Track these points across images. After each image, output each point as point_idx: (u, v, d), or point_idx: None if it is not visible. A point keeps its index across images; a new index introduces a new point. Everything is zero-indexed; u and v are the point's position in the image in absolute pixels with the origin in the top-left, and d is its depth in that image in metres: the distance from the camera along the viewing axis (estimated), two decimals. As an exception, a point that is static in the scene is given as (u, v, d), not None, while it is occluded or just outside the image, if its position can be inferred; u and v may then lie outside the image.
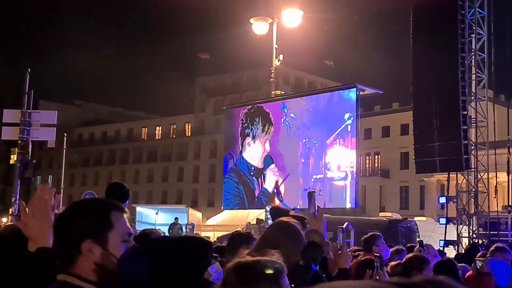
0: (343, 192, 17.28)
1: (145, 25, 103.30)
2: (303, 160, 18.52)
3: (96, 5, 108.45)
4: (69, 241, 1.82)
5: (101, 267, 1.80)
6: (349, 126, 17.18)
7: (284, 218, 3.35)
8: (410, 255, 5.23)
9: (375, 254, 5.46)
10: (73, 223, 1.83)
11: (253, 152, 20.39)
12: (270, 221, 8.45)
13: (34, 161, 14.03)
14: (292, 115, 19.05)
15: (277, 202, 18.25)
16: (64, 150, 23.33)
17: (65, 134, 23.20)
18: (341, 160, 17.29)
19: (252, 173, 20.63)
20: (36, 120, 13.88)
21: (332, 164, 17.38)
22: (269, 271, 1.92)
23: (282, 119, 19.35)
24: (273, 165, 19.54)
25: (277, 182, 15.48)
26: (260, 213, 18.55)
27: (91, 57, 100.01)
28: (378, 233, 6.36)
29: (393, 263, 5.63)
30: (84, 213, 1.86)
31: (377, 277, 4.01)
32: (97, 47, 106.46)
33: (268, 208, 13.63)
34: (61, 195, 22.15)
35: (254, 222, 17.45)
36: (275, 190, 15.27)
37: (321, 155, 17.75)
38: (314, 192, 2.93)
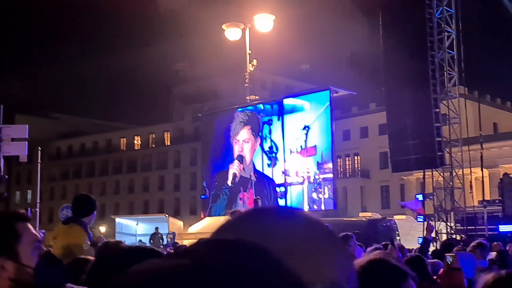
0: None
1: (120, 35, 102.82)
2: (265, 168, 18.91)
3: (71, 17, 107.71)
4: None
5: (16, 281, 1.75)
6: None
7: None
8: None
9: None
10: None
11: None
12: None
13: (7, 177, 13.76)
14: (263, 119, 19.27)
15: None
16: (39, 164, 22.97)
17: (40, 148, 22.84)
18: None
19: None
20: (7, 134, 13.63)
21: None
22: None
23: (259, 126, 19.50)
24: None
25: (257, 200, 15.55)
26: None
27: (67, 69, 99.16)
28: (350, 234, 6.44)
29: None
30: None
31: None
32: (73, 58, 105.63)
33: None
34: (38, 210, 21.94)
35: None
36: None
37: (281, 163, 18.45)
38: (259, 198, 2.96)
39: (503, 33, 64.46)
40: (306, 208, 17.81)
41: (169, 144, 67.10)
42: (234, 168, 19.98)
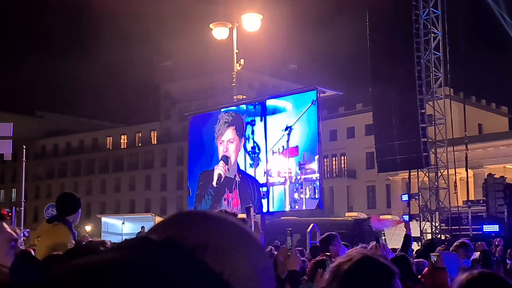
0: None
1: (107, 33, 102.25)
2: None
3: (57, 14, 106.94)
4: None
5: None
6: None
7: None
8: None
9: (327, 254, 5.54)
10: None
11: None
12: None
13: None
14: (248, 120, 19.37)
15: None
16: (24, 162, 22.81)
17: (24, 146, 22.67)
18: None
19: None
20: (-9, 132, 13.49)
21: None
22: None
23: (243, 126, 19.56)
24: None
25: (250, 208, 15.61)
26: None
27: (52, 67, 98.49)
28: (334, 233, 6.45)
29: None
30: None
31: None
32: (58, 56, 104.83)
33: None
34: (22, 209, 21.76)
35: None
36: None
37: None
38: (251, 206, 2.97)
39: (488, 35, 65.08)
40: (287, 207, 17.93)
41: (155, 143, 66.89)
42: (219, 169, 19.98)
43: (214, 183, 19.99)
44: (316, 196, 17.32)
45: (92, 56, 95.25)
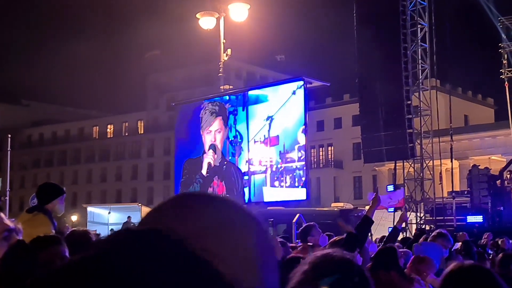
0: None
1: (92, 21, 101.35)
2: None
3: (43, 2, 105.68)
4: None
5: None
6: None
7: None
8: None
9: (309, 244, 5.57)
10: None
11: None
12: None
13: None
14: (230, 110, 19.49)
15: None
16: (9, 152, 22.62)
17: (10, 136, 22.49)
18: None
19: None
20: (-25, 121, 13.36)
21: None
22: None
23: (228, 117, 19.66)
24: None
25: None
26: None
27: (38, 55, 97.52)
28: (312, 223, 6.49)
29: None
30: None
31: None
32: (43, 44, 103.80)
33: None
34: (7, 198, 21.61)
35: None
36: None
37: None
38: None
39: (475, 27, 65.36)
40: (268, 195, 18.06)
41: (142, 132, 66.61)
42: (209, 158, 20.05)
43: (204, 171, 20.07)
44: (296, 185, 17.42)
45: (79, 45, 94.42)
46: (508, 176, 18.41)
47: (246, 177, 18.71)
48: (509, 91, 27.80)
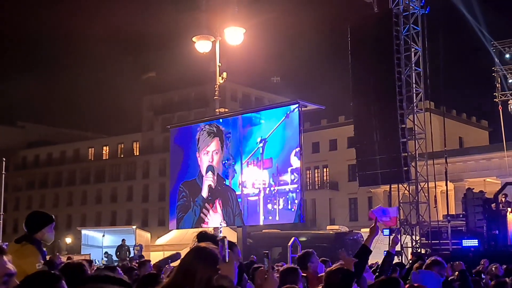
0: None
1: (89, 44, 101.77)
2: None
3: (39, 24, 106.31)
4: None
5: None
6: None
7: (202, 244, 3.34)
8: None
9: (303, 274, 5.53)
10: None
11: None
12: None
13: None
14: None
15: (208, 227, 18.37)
16: (4, 174, 22.56)
17: (4, 158, 22.45)
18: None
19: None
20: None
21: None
22: None
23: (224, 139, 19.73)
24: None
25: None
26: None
27: (34, 77, 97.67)
28: (310, 250, 6.45)
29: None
30: None
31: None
32: (41, 67, 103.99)
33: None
34: (1, 221, 21.48)
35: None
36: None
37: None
38: (226, 237, 2.93)
39: (468, 50, 65.98)
40: (261, 218, 18.00)
41: (138, 154, 66.50)
42: (209, 180, 20.04)
43: (204, 194, 20.00)
44: (289, 207, 17.39)
45: (75, 66, 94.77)
46: (503, 199, 18.40)
47: (239, 200, 18.68)
48: (503, 114, 27.98)
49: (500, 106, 28.06)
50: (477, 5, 27.93)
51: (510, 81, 27.91)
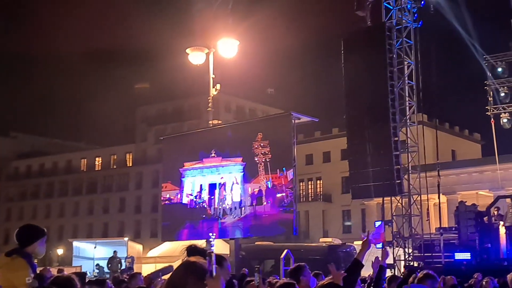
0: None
1: (83, 54, 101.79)
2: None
3: (33, 35, 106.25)
4: None
5: None
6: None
7: (192, 258, 3.32)
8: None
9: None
10: None
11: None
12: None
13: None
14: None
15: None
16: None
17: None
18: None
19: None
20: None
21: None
22: None
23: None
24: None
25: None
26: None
27: (27, 87, 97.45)
28: (303, 264, 6.42)
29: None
30: None
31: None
32: (33, 77, 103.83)
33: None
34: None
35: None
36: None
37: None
38: (213, 252, 2.89)
39: (461, 64, 66.46)
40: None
41: (131, 165, 66.29)
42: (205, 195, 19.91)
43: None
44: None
45: (68, 77, 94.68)
46: (496, 212, 18.43)
47: (236, 211, 18.52)
48: (495, 127, 28.11)
49: (492, 120, 28.19)
50: (469, 19, 28.17)
51: (502, 94, 28.05)
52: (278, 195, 16.66)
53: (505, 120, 28.28)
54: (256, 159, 17.09)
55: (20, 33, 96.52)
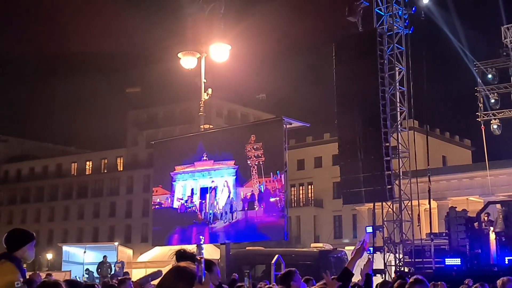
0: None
1: (74, 57, 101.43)
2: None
3: (24, 40, 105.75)
4: None
5: None
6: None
7: (182, 263, 3.30)
8: None
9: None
10: None
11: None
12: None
13: None
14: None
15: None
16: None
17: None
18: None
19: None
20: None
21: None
22: None
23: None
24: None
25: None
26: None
27: (17, 90, 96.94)
28: (293, 269, 6.40)
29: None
30: None
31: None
32: (24, 80, 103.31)
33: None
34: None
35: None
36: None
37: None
38: (202, 257, 2.87)
39: (451, 70, 66.85)
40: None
41: (122, 169, 66.02)
42: (196, 200, 19.80)
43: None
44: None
45: (58, 81, 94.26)
46: (486, 218, 18.50)
47: (226, 215, 18.44)
48: (486, 134, 28.28)
49: (482, 126, 28.36)
50: (460, 25, 28.37)
51: (492, 101, 28.24)
52: (272, 199, 16.57)
53: (495, 126, 28.46)
54: (249, 162, 16.96)
55: (9, 36, 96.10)
